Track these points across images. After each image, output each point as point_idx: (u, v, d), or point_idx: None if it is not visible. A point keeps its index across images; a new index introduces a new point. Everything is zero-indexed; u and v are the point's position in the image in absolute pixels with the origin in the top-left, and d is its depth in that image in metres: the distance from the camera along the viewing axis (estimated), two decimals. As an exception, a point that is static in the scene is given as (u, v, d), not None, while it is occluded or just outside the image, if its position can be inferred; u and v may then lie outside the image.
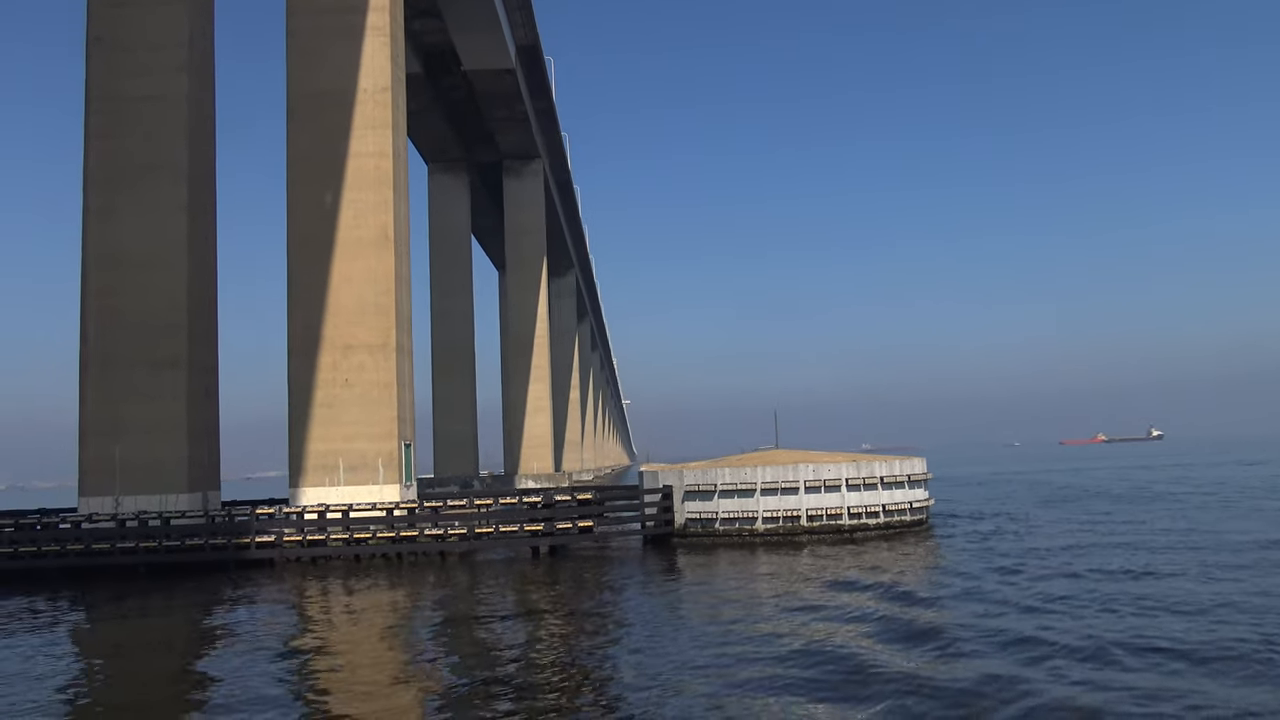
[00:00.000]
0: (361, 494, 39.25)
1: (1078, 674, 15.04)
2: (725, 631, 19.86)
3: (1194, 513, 43.90)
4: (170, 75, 41.71)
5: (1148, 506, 48.92)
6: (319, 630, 24.10)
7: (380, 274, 41.07)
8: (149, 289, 40.63)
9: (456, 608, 26.35)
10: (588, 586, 29.35)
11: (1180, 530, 36.40)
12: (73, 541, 35.85)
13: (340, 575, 33.56)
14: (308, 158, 41.66)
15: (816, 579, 26.95)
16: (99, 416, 40.16)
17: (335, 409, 40.44)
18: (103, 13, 41.79)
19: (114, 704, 17.18)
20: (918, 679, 14.95)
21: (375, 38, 42.04)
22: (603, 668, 17.65)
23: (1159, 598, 21.84)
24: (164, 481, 39.91)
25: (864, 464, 36.78)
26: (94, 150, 41.30)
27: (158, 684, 18.83)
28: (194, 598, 30.52)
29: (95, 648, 23.71)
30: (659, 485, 38.30)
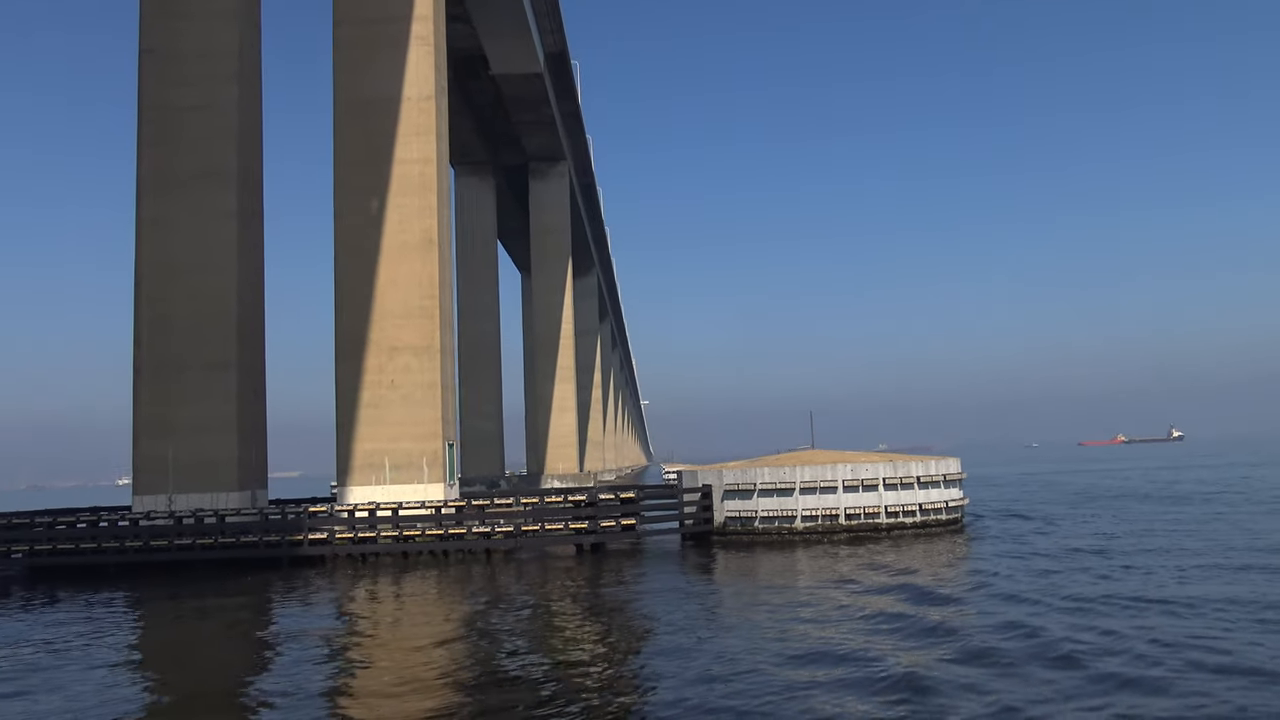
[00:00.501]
0: (407, 493, 40.26)
1: (1119, 670, 15.80)
2: (781, 630, 20.71)
3: (1230, 512, 44.43)
4: (220, 85, 42.81)
5: (1178, 507, 49.44)
6: (373, 623, 25.02)
7: (425, 278, 42.06)
8: (200, 294, 41.75)
9: (512, 602, 27.21)
10: (640, 581, 30.18)
11: (1220, 531, 37.01)
12: (131, 538, 36.91)
13: (390, 571, 34.51)
14: (354, 164, 42.68)
15: (857, 576, 27.74)
16: (152, 418, 41.29)
17: (381, 409, 41.45)
18: (155, 24, 42.92)
19: (177, 692, 18.00)
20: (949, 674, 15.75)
21: (419, 47, 43.04)
22: (667, 659, 18.46)
23: (1190, 598, 22.57)
24: (215, 480, 41.03)
25: (900, 464, 37.54)
26: (146, 158, 42.45)
27: (215, 674, 19.67)
28: (249, 592, 31.49)
29: (154, 640, 24.71)
30: (698, 485, 39.12)
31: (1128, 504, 52.84)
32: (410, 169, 42.51)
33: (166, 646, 23.69)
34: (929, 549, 33.19)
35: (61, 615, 27.68)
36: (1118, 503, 54.23)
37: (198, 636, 24.77)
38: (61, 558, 37.12)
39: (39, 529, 38.54)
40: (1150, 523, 41.10)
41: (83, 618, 26.98)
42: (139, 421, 41.42)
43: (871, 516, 36.94)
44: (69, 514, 41.48)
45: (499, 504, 38.18)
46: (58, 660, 20.61)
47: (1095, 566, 28.04)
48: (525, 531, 36.88)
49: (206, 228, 42.02)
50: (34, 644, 22.66)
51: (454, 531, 36.67)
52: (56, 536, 37.93)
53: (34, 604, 30.09)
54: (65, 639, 23.24)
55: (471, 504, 38.27)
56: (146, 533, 37.02)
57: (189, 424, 41.14)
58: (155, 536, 36.89)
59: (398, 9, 42.98)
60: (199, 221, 41.98)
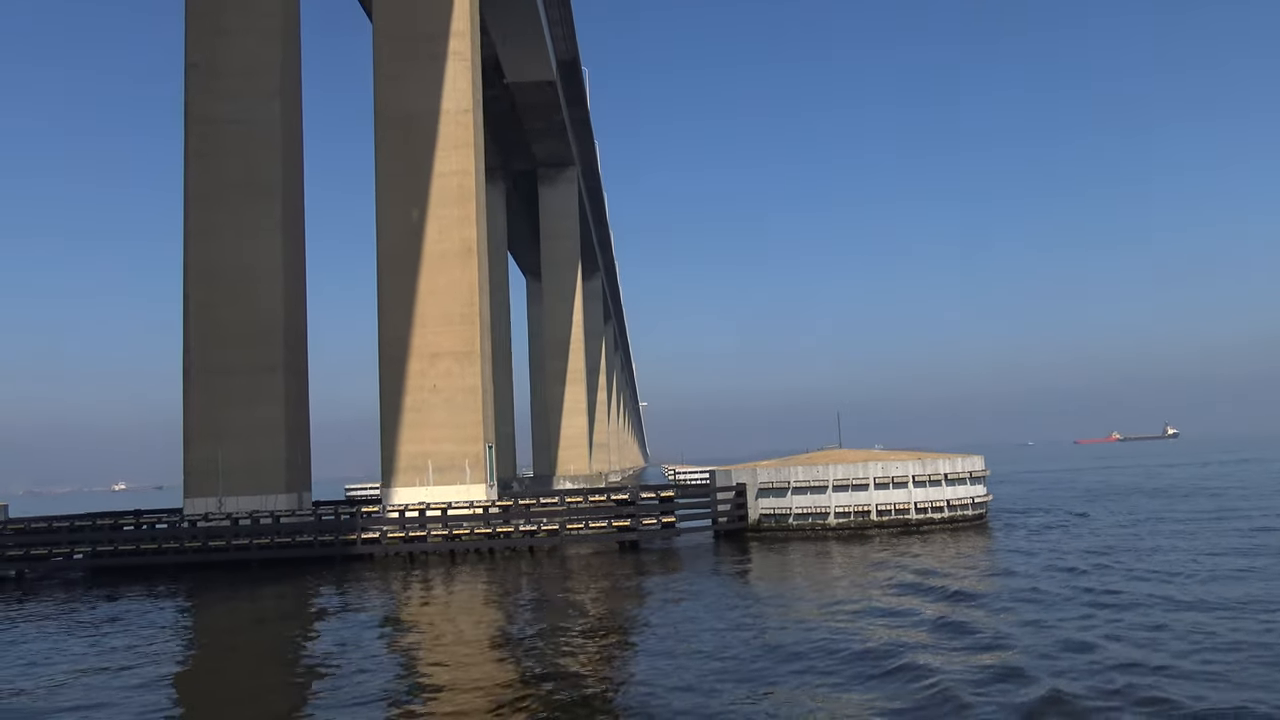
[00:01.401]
0: (449, 493, 41.71)
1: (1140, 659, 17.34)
2: (823, 613, 22.23)
3: (1240, 505, 46.09)
4: (262, 99, 44.25)
5: (1189, 502, 51.10)
6: (430, 617, 26.43)
7: (464, 286, 43.53)
8: (247, 301, 43.19)
9: (570, 592, 28.63)
10: (691, 571, 31.62)
11: (1236, 523, 38.64)
12: (189, 539, 38.29)
13: (440, 568, 35.92)
14: (395, 175, 44.14)
15: (893, 569, 29.27)
16: (202, 422, 42.72)
17: (424, 413, 42.91)
18: (199, 40, 44.35)
19: (236, 687, 19.25)
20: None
21: (457, 62, 44.51)
22: (724, 644, 19.92)
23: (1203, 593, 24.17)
24: (264, 482, 42.48)
25: (929, 461, 39.11)
26: (193, 170, 43.87)
27: (274, 668, 20.76)
28: (306, 590, 32.80)
29: (213, 635, 25.98)
30: (732, 483, 40.62)
31: (1139, 499, 54.49)
32: (449, 180, 43.97)
33: (222, 640, 25.05)
34: (958, 543, 34.74)
35: (131, 609, 29.07)
36: (1131, 499, 55.87)
37: (269, 627, 26.16)
38: (123, 558, 38.45)
39: (101, 530, 39.87)
40: (1172, 517, 42.71)
41: (152, 611, 28.38)
42: (189, 426, 42.81)
43: (902, 512, 38.51)
44: (125, 516, 42.85)
45: (545, 503, 39.64)
46: (137, 657, 22.00)
47: (1125, 559, 29.63)
48: (570, 529, 38.31)
49: (252, 237, 43.45)
50: (110, 634, 24.06)
51: (502, 530, 38.08)
52: (118, 538, 39.26)
53: (103, 600, 31.45)
54: (141, 631, 24.65)
55: (519, 503, 39.71)
56: (204, 533, 38.35)
57: (238, 428, 42.57)
58: (213, 537, 38.22)
59: (436, 26, 44.45)
60: (245, 231, 43.41)
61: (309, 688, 17.86)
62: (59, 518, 44.37)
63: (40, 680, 18.96)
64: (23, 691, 18.09)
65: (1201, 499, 52.67)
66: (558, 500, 39.59)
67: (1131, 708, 13.34)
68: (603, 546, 39.08)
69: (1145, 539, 32.39)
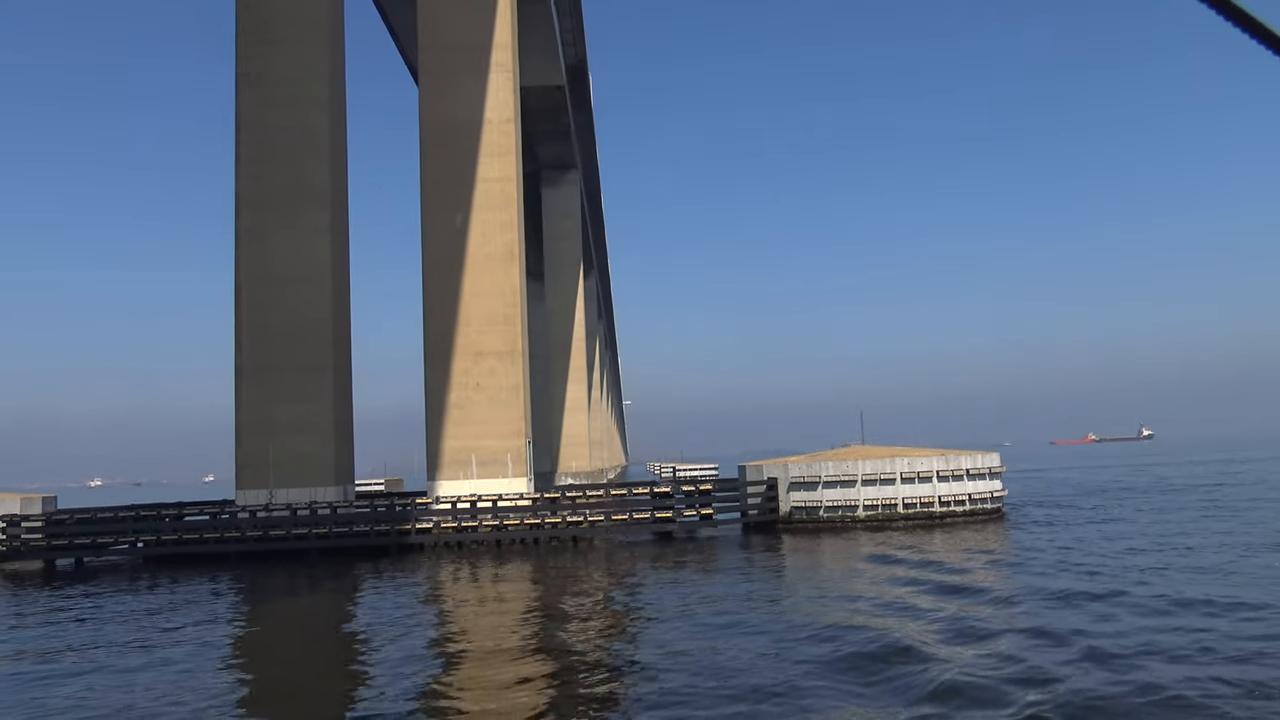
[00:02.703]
0: (492, 486, 43.69)
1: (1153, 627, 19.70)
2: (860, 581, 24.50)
3: (1232, 502, 48.83)
4: (311, 108, 46.02)
5: (1179, 497, 53.87)
6: (490, 596, 28.45)
7: (507, 287, 45.50)
8: (297, 302, 44.95)
9: (621, 577, 30.70)
10: (732, 558, 33.76)
11: (1226, 516, 41.28)
12: (250, 528, 40.07)
13: (490, 557, 37.85)
14: (440, 182, 46.04)
15: (921, 545, 31.61)
16: (253, 418, 44.47)
17: (468, 410, 44.85)
18: (250, 51, 46.04)
19: (309, 664, 21.37)
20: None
21: (499, 73, 46.48)
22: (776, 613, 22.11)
23: (1197, 568, 26.64)
24: (312, 475, 44.27)
25: (952, 457, 41.52)
26: (244, 176, 45.57)
27: (348, 646, 22.72)
28: (366, 575, 34.59)
29: (276, 617, 27.93)
30: (763, 478, 42.82)
31: (1133, 495, 57.24)
32: (492, 186, 45.94)
33: (285, 622, 26.96)
34: (981, 533, 37.15)
35: (205, 593, 30.93)
36: (1127, 494, 58.63)
37: (315, 611, 28.09)
38: (186, 547, 40.17)
39: (164, 520, 41.57)
40: (1161, 510, 45.35)
41: (227, 595, 30.26)
42: (241, 421, 44.56)
43: (926, 505, 40.88)
44: (186, 507, 44.64)
45: (590, 495, 41.72)
46: (218, 631, 23.95)
47: (1123, 548, 32.13)
48: (615, 520, 40.43)
49: (301, 241, 45.20)
50: (191, 614, 25.97)
51: (550, 520, 40.12)
52: (181, 527, 40.97)
53: (177, 586, 33.23)
54: (221, 611, 26.57)
55: (565, 495, 41.77)
56: (264, 523, 40.15)
57: (288, 423, 44.35)
58: (272, 526, 40.02)
59: (479, 38, 46.40)
60: (294, 235, 45.17)
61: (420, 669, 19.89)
62: (103, 509, 46.02)
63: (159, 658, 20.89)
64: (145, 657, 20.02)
65: (1189, 495, 55.43)
66: (603, 493, 41.66)
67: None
68: (639, 537, 41.13)
69: (1137, 538, 34.94)
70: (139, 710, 15.42)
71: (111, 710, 15.51)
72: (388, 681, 16.85)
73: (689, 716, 13.66)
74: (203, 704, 15.53)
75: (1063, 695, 13.66)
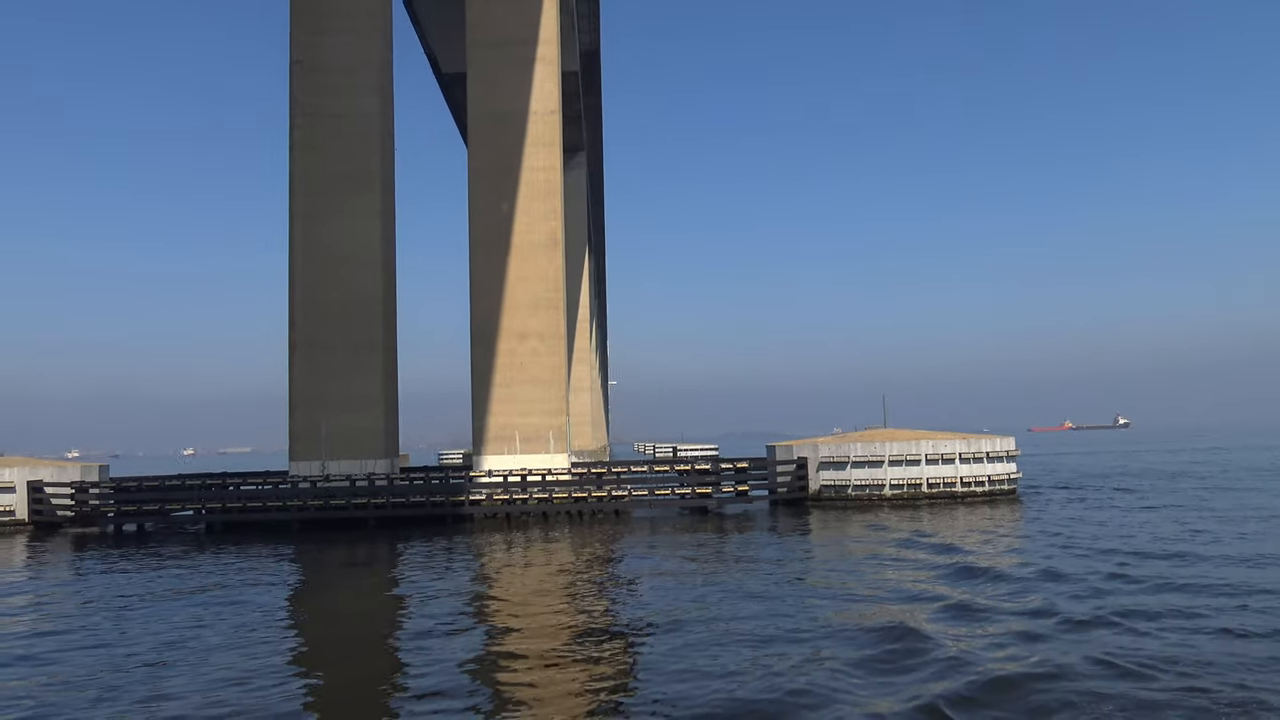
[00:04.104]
0: (534, 461, 46.00)
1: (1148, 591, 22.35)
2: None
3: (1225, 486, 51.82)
4: (362, 94, 47.85)
5: (1172, 483, 56.87)
6: (575, 558, 30.74)
7: (550, 273, 47.64)
8: (349, 282, 46.93)
9: (679, 544, 33.03)
10: (772, 528, 36.17)
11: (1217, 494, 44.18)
12: (311, 498, 42.15)
13: (538, 527, 40.06)
14: (486, 171, 48.03)
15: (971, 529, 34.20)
16: (306, 392, 46.50)
17: (512, 389, 47.06)
18: (303, 39, 47.78)
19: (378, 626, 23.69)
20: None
21: (544, 67, 48.42)
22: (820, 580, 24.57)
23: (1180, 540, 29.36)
24: (363, 448, 46.41)
25: (973, 441, 44.17)
26: (298, 160, 47.39)
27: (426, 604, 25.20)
28: (426, 542, 36.70)
29: (338, 582, 30.02)
30: (793, 457, 45.27)
31: (1128, 479, 60.22)
32: (537, 176, 47.97)
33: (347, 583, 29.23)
34: (999, 510, 39.80)
35: (268, 558, 33.09)
36: (1123, 477, 61.59)
37: (378, 575, 30.34)
38: (250, 514, 42.21)
39: (228, 490, 43.59)
40: (1148, 489, 48.25)
41: (292, 559, 32.44)
42: (294, 395, 46.57)
43: (949, 485, 43.52)
44: (248, 477, 46.69)
45: (634, 470, 44.10)
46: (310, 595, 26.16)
47: (1134, 521, 34.88)
48: (659, 495, 42.86)
49: (354, 223, 47.14)
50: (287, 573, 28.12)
51: (597, 494, 42.46)
52: (246, 495, 42.98)
53: (241, 550, 35.32)
54: (310, 573, 28.77)
55: (611, 470, 44.14)
56: (325, 493, 42.23)
57: (339, 398, 46.42)
58: (333, 496, 42.12)
59: (525, 33, 48.30)
60: (347, 217, 47.10)
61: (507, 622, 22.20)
62: (149, 478, 48.01)
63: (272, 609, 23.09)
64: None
65: (1182, 480, 58.44)
66: (647, 469, 44.05)
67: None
68: (667, 512, 43.46)
69: (1139, 511, 37.81)
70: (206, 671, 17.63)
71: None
72: (444, 648, 19.17)
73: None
74: (261, 662, 17.40)
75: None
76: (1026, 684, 13.91)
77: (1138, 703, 12.99)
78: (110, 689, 15.32)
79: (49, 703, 14.71)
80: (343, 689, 15.38)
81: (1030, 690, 13.64)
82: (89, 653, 18.14)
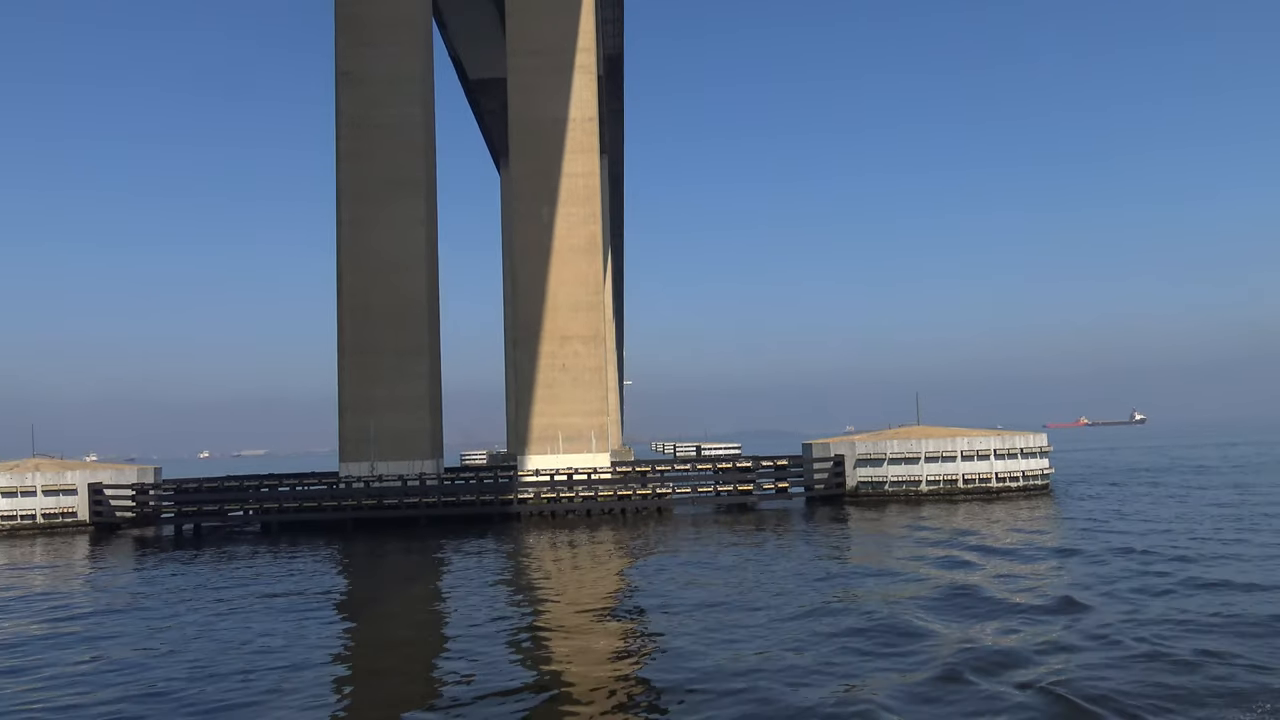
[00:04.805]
0: (577, 460, 47.21)
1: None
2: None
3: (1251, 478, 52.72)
4: (406, 105, 49.09)
5: (1195, 477, 57.81)
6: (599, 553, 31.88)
7: (590, 276, 48.84)
8: (395, 287, 48.19)
9: (723, 537, 34.15)
10: (815, 521, 37.23)
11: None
12: (366, 498, 43.43)
13: (584, 524, 41.21)
14: (527, 176, 49.26)
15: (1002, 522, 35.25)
16: (355, 395, 47.79)
17: (554, 389, 48.29)
18: (350, 51, 49.04)
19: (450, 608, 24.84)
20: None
21: (582, 75, 49.61)
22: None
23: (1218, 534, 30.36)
24: (411, 449, 47.67)
25: (1007, 437, 45.23)
26: (345, 170, 48.67)
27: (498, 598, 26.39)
28: (476, 538, 37.83)
29: (393, 572, 31.27)
30: (829, 455, 46.36)
31: (1153, 474, 61.15)
32: (576, 181, 49.18)
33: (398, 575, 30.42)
34: (1035, 504, 40.84)
35: (326, 553, 34.33)
36: (1146, 473, 62.52)
37: (437, 566, 31.54)
38: (306, 514, 43.50)
39: (286, 490, 44.93)
40: (1175, 486, 49.22)
41: (349, 555, 33.70)
42: (344, 398, 47.88)
43: (985, 481, 44.59)
44: (304, 478, 48.06)
45: (678, 468, 45.29)
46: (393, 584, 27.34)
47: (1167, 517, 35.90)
48: (700, 492, 44.04)
49: (400, 230, 48.41)
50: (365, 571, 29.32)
51: (641, 492, 43.64)
52: (300, 495, 44.29)
53: (298, 548, 36.58)
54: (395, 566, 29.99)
55: (655, 468, 45.32)
56: (377, 493, 43.51)
57: (387, 401, 47.70)
58: (385, 496, 43.40)
59: (564, 42, 49.50)
60: (393, 225, 48.36)
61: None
62: (208, 480, 49.36)
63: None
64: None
65: (1206, 475, 59.34)
66: (690, 467, 45.23)
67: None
68: (703, 509, 44.51)
69: (1164, 504, 38.83)
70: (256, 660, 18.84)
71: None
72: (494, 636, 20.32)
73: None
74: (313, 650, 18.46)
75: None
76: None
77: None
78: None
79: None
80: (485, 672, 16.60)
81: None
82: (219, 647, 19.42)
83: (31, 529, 44.88)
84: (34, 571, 32.77)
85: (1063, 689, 13.56)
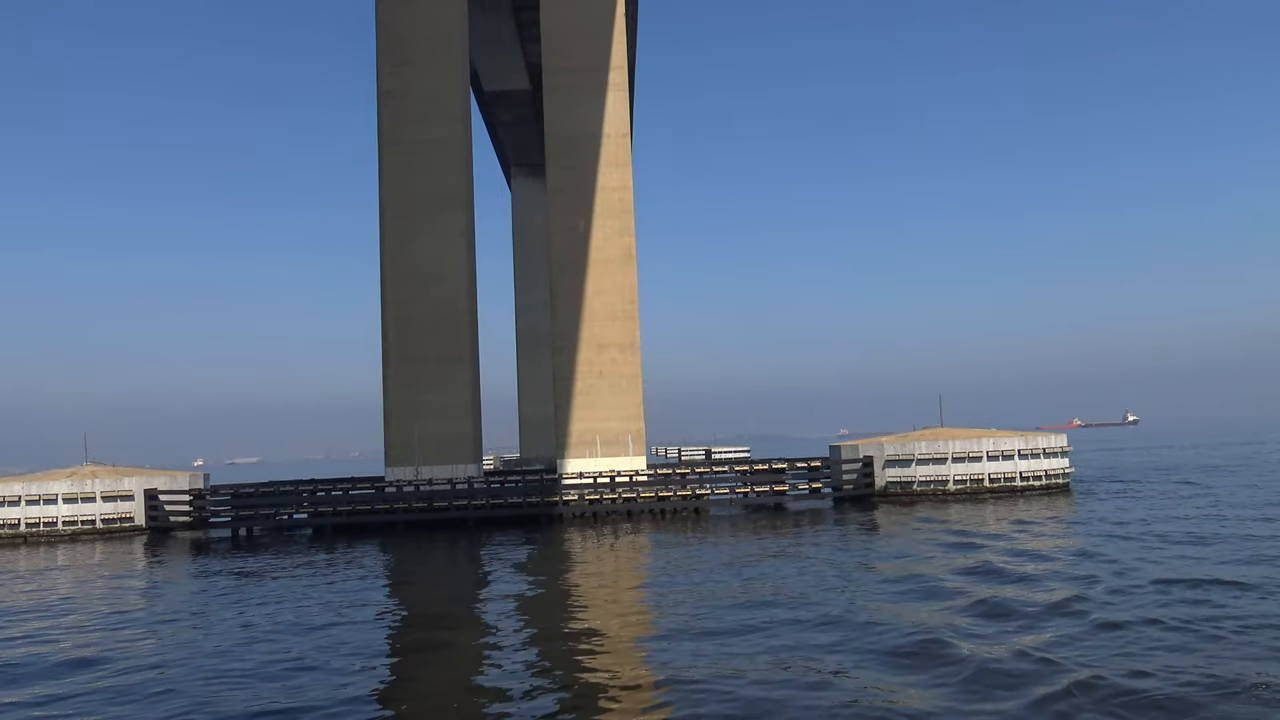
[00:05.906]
0: (614, 463, 49.03)
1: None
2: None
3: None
4: (446, 122, 50.92)
5: (1203, 474, 59.95)
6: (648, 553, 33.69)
7: (625, 286, 50.69)
8: (437, 297, 49.98)
9: (766, 543, 35.97)
10: (849, 520, 39.08)
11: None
12: (416, 501, 45.18)
13: (626, 524, 42.92)
14: (563, 190, 51.12)
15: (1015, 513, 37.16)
16: (400, 402, 49.55)
17: (592, 395, 50.11)
18: (390, 70, 50.86)
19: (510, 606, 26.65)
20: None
21: (615, 92, 51.49)
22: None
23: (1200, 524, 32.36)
24: (454, 454, 49.44)
25: (1030, 438, 47.26)
26: (387, 185, 50.46)
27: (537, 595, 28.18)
28: (519, 539, 39.50)
29: (440, 571, 33.07)
30: (858, 456, 48.27)
31: (1163, 472, 63.27)
32: (611, 195, 51.05)
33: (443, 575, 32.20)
34: (1058, 503, 42.82)
35: (377, 555, 36.05)
36: (1156, 472, 64.65)
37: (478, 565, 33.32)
38: (357, 517, 45.22)
39: (338, 494, 46.63)
40: (1184, 480, 51.29)
41: (406, 557, 35.46)
42: (389, 405, 49.64)
43: (1009, 480, 46.57)
44: (358, 482, 49.81)
45: (716, 470, 47.17)
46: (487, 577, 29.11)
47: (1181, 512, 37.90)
48: (739, 492, 45.94)
49: (441, 243, 50.22)
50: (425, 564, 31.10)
51: (681, 493, 45.50)
52: (351, 499, 46.00)
53: (353, 550, 38.27)
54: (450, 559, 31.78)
55: (695, 470, 47.18)
56: (427, 495, 45.26)
57: (431, 408, 49.45)
58: (434, 499, 45.16)
59: (598, 59, 51.38)
60: (434, 238, 50.17)
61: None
62: (264, 484, 50.98)
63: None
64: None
65: (1214, 474, 61.47)
66: (728, 468, 47.10)
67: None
68: (731, 511, 46.31)
69: (1188, 501, 40.96)
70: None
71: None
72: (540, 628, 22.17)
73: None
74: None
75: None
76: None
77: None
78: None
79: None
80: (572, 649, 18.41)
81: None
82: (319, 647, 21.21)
83: (91, 533, 46.48)
84: (133, 577, 34.43)
85: (1096, 694, 13.59)
